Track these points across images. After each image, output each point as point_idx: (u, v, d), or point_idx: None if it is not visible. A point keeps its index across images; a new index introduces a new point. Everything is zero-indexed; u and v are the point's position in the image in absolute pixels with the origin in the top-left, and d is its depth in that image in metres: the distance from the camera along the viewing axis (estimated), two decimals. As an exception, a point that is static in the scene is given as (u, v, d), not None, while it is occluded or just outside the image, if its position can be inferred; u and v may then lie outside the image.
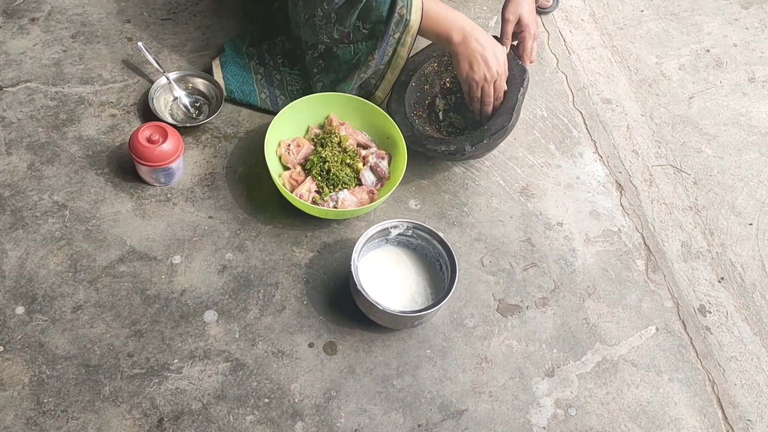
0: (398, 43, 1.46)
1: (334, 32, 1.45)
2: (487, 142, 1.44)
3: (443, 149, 1.47)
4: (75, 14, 1.72)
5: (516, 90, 1.45)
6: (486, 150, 1.50)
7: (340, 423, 1.30)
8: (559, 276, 1.52)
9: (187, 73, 1.62)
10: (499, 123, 1.44)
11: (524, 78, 1.46)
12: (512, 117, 1.43)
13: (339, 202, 1.45)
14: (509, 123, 1.43)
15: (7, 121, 1.54)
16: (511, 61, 1.48)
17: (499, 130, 1.43)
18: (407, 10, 1.40)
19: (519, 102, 1.44)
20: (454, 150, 1.46)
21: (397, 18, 1.40)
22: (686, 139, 1.78)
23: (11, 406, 1.24)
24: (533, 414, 1.36)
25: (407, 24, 1.42)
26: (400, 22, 1.41)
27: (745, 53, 1.97)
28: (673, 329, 1.49)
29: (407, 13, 1.40)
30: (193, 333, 1.35)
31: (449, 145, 1.47)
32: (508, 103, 1.44)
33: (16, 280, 1.36)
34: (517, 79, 1.46)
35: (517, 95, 1.44)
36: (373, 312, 1.34)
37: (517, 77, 1.46)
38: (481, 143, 1.44)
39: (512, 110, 1.43)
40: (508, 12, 1.47)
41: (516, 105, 1.44)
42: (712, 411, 1.41)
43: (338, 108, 1.56)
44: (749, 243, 1.63)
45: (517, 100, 1.44)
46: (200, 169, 1.53)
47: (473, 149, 1.44)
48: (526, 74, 1.46)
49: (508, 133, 1.46)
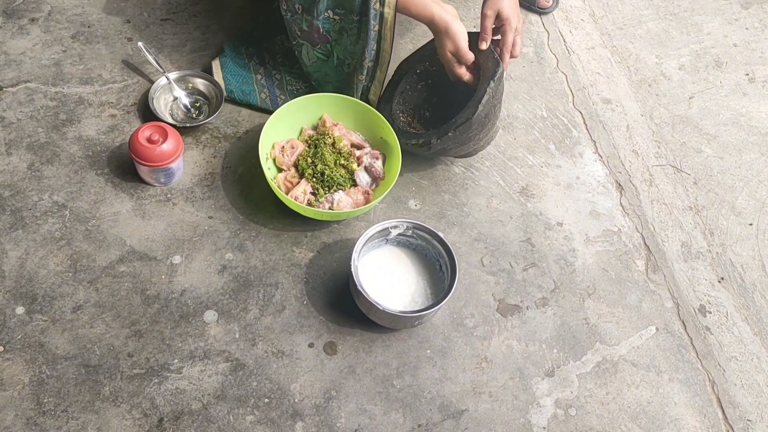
0: (379, 38, 1.47)
1: (303, 24, 1.46)
2: (452, 135, 1.43)
3: (413, 142, 1.49)
4: (75, 14, 1.72)
5: (486, 82, 1.43)
6: (458, 143, 1.48)
7: (340, 423, 1.30)
8: (559, 276, 1.52)
9: (187, 73, 1.62)
10: (464, 115, 1.42)
11: (496, 71, 1.43)
12: (477, 109, 1.41)
13: (334, 204, 1.45)
14: (473, 115, 1.41)
15: (7, 121, 1.54)
16: (488, 55, 1.47)
17: (464, 123, 1.42)
18: (381, 3, 1.41)
19: (489, 94, 1.41)
20: (422, 143, 1.47)
21: (374, 12, 1.42)
22: (686, 139, 1.78)
23: (11, 406, 1.24)
24: (533, 414, 1.36)
25: (383, 16, 1.43)
26: (376, 15, 1.43)
27: (745, 53, 1.97)
28: (673, 329, 1.49)
29: (381, 6, 1.42)
30: (193, 333, 1.35)
31: (419, 139, 1.48)
32: (477, 96, 1.43)
33: (16, 280, 1.36)
34: (489, 72, 1.44)
35: (485, 87, 1.42)
36: (373, 312, 1.34)
37: (490, 70, 1.44)
38: (446, 136, 1.43)
39: (478, 102, 1.41)
40: (486, 7, 1.46)
41: (483, 97, 1.41)
42: (712, 411, 1.41)
43: (331, 109, 1.56)
44: (749, 243, 1.63)
45: (485, 91, 1.41)
46: (200, 169, 1.53)
47: (439, 141, 1.44)
48: (499, 67, 1.43)
49: (476, 125, 1.43)
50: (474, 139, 1.48)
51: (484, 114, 1.43)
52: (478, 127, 1.45)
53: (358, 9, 1.42)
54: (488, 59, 1.46)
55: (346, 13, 1.43)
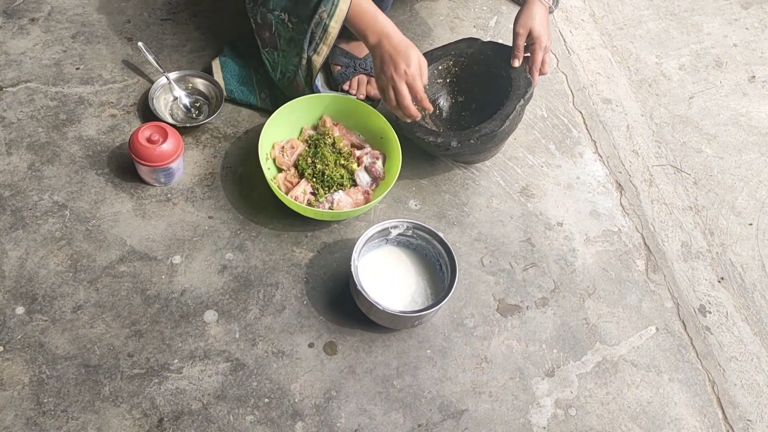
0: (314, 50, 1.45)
1: (258, 16, 1.45)
2: (473, 143, 1.44)
3: (431, 140, 1.47)
4: (75, 14, 1.72)
5: (516, 100, 1.45)
6: (474, 152, 1.50)
7: (340, 423, 1.30)
8: (559, 276, 1.52)
9: (187, 73, 1.62)
10: (490, 127, 1.44)
11: (528, 90, 1.47)
12: (504, 123, 1.43)
13: (334, 204, 1.45)
14: (500, 129, 1.43)
15: (7, 121, 1.54)
16: (520, 73, 1.49)
17: (488, 134, 1.43)
18: (328, 15, 1.39)
19: (516, 111, 1.44)
20: (441, 143, 1.46)
21: (317, 19, 1.40)
22: (686, 139, 1.78)
23: (11, 406, 1.24)
24: (533, 414, 1.36)
25: (326, 30, 1.42)
26: (319, 24, 1.41)
27: (745, 53, 1.97)
28: (673, 329, 1.49)
29: (327, 18, 1.40)
30: (193, 333, 1.35)
31: (437, 137, 1.47)
32: (505, 111, 1.45)
33: (16, 280, 1.36)
34: (521, 90, 1.47)
35: (516, 105, 1.45)
36: (373, 312, 1.34)
37: (522, 88, 1.47)
38: (468, 142, 1.44)
39: (506, 117, 1.43)
40: (518, 26, 1.47)
41: (512, 113, 1.44)
42: (712, 411, 1.41)
43: (332, 109, 1.56)
44: (749, 243, 1.63)
45: (514, 109, 1.44)
46: (200, 169, 1.53)
47: (459, 146, 1.45)
48: (530, 87, 1.47)
49: (497, 138, 1.46)
50: (491, 150, 1.53)
51: (509, 129, 1.47)
52: (499, 140, 1.49)
53: (309, 16, 1.40)
54: (519, 77, 1.49)
55: (299, 22, 1.42)
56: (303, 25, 1.42)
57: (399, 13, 1.85)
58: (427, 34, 1.84)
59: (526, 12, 1.47)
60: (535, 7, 1.46)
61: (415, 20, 1.86)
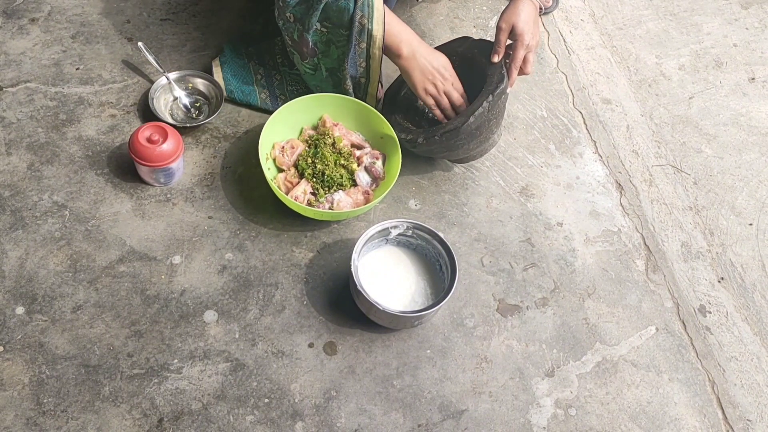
0: (368, 57, 1.46)
1: (295, 34, 1.45)
2: (437, 139, 1.44)
3: (402, 136, 1.51)
4: (75, 14, 1.72)
5: (485, 96, 1.43)
6: (444, 148, 1.48)
7: (340, 423, 1.30)
8: (559, 276, 1.52)
9: (187, 73, 1.62)
10: (454, 123, 1.43)
11: (498, 86, 1.44)
12: (468, 119, 1.41)
13: (334, 204, 1.45)
14: (463, 125, 1.41)
15: (7, 122, 1.54)
16: (496, 69, 1.47)
17: (451, 130, 1.42)
18: (368, 20, 1.40)
19: (483, 108, 1.42)
20: (410, 139, 1.50)
21: (359, 27, 1.40)
22: (686, 139, 1.78)
23: (11, 406, 1.24)
24: (533, 414, 1.36)
25: (371, 35, 1.42)
26: (362, 31, 1.41)
27: (745, 53, 1.97)
28: (673, 329, 1.49)
29: (368, 22, 1.40)
30: (193, 333, 1.35)
31: (407, 134, 1.51)
32: (472, 107, 1.44)
33: (16, 280, 1.36)
34: (491, 86, 1.45)
35: (482, 101, 1.43)
36: (373, 312, 1.34)
37: (493, 84, 1.45)
38: (433, 139, 1.45)
39: (471, 113, 1.42)
40: (501, 21, 1.47)
41: (477, 109, 1.42)
42: (712, 411, 1.41)
43: (332, 109, 1.56)
44: (749, 243, 1.63)
45: (481, 105, 1.42)
46: (200, 170, 1.53)
47: (425, 142, 1.46)
48: (502, 83, 1.44)
49: (463, 134, 1.44)
50: (463, 148, 1.49)
51: (475, 126, 1.44)
52: (467, 137, 1.45)
53: (347, 24, 1.40)
54: (495, 73, 1.47)
55: (335, 27, 1.42)
56: (340, 30, 1.43)
57: (399, 14, 1.85)
58: (427, 34, 1.84)
59: (512, 7, 1.46)
60: (522, 4, 1.45)
61: (416, 20, 1.86)
